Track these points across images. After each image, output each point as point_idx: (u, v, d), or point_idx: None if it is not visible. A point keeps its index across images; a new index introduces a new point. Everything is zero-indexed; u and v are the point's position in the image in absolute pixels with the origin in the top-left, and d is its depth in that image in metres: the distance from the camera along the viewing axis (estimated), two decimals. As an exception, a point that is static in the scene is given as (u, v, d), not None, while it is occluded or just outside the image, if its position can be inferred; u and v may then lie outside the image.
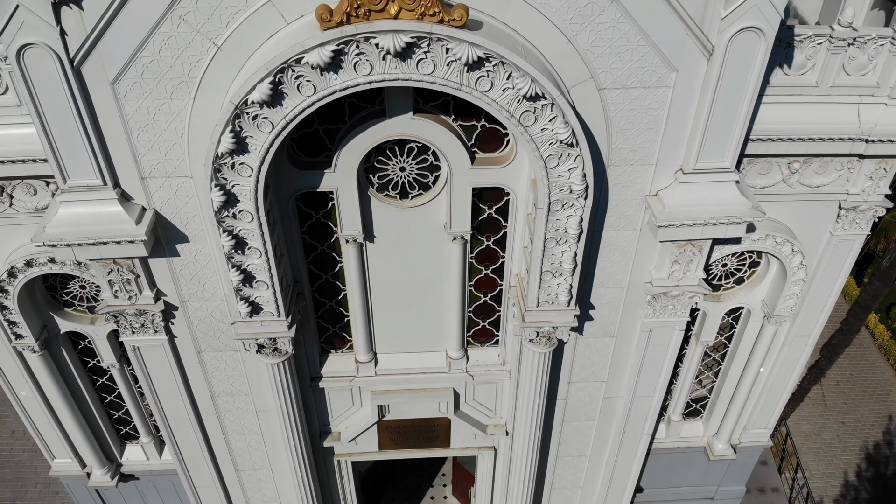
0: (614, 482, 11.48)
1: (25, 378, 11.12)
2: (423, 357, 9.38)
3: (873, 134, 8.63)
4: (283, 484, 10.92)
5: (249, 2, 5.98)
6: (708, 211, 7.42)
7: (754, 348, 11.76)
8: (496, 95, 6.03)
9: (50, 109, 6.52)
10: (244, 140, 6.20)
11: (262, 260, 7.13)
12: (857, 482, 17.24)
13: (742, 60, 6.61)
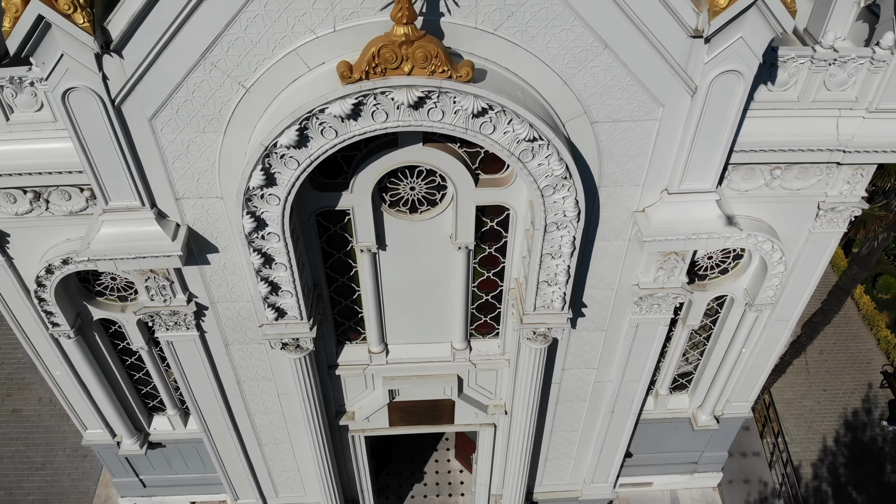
0: (604, 453, 12.54)
1: (60, 360, 12.05)
2: (430, 348, 10.27)
3: (850, 145, 9.27)
4: (302, 456, 11.98)
5: (275, 51, 6.60)
6: (690, 227, 8.16)
7: (737, 331, 12.64)
8: (498, 138, 6.72)
9: (93, 141, 7.21)
10: (273, 175, 6.91)
11: (287, 273, 7.93)
12: (834, 447, 18.38)
13: (723, 98, 7.25)
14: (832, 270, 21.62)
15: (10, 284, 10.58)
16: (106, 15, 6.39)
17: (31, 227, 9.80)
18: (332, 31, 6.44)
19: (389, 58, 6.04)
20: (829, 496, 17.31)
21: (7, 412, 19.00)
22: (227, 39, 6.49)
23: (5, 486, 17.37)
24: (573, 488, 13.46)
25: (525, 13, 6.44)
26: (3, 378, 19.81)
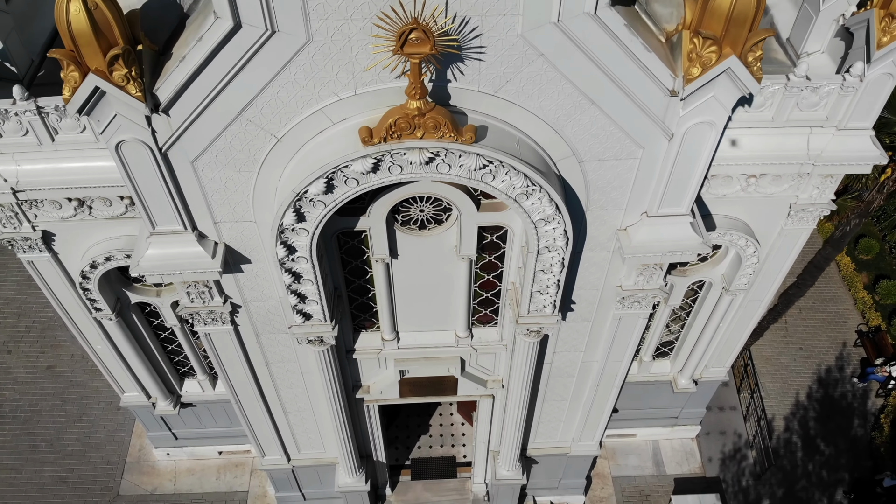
0: (590, 418, 14.05)
1: (101, 337, 13.41)
2: (436, 335, 11.57)
3: (820, 159, 10.25)
4: (323, 421, 13.49)
5: (303, 109, 7.54)
6: (666, 245, 9.27)
7: (714, 310, 13.96)
8: (497, 185, 7.75)
9: (141, 179, 8.23)
10: (302, 214, 7.99)
11: (313, 287, 9.11)
12: (806, 402, 19.99)
13: (697, 142, 8.21)
14: (817, 232, 22.67)
15: (56, 276, 11.80)
16: (154, 81, 7.32)
17: (74, 228, 10.92)
18: (353, 95, 7.38)
19: (404, 126, 7.01)
20: (798, 447, 19.04)
21: (42, 369, 20.55)
22: (261, 101, 7.43)
23: (46, 439, 19.08)
24: (563, 445, 15.07)
25: (521, 79, 7.35)
26: (36, 336, 21.28)
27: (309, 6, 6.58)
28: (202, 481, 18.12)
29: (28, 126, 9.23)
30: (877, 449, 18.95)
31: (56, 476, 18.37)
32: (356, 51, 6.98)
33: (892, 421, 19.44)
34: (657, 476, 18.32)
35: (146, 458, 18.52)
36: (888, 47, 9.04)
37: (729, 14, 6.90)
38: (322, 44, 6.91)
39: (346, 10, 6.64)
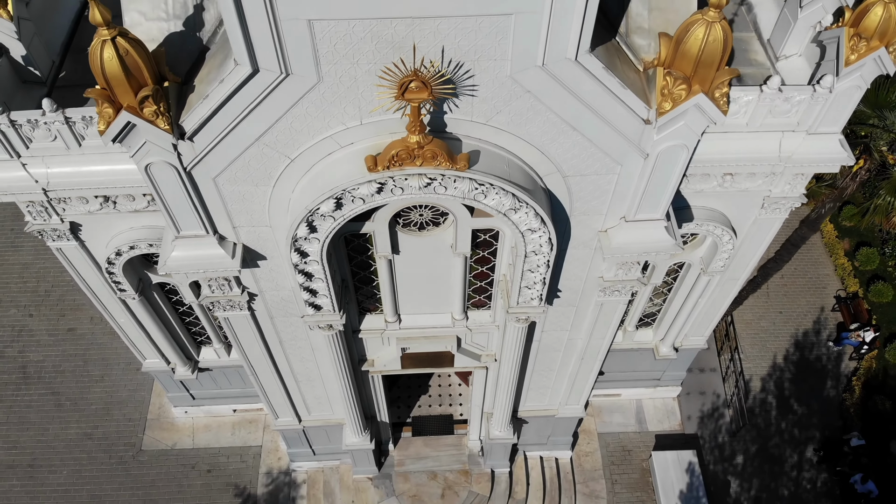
0: (576, 385, 15.29)
1: (125, 312, 14.53)
2: (435, 317, 12.65)
3: (791, 161, 11.08)
4: (331, 389, 14.73)
5: (314, 135, 8.36)
6: (642, 246, 10.22)
7: (693, 287, 15.02)
8: (489, 202, 8.65)
9: (168, 193, 9.11)
10: (314, 227, 8.92)
11: (323, 284, 10.12)
12: (783, 364, 21.28)
13: (670, 160, 9.05)
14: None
15: (83, 262, 12.81)
16: (179, 113, 8.13)
17: (100, 219, 11.85)
18: (359, 125, 8.20)
19: (405, 157, 7.87)
20: (772, 407, 20.45)
21: (63, 331, 21.79)
22: (276, 129, 8.25)
23: (71, 398, 20.46)
24: (550, 408, 16.39)
25: (510, 110, 8.16)
26: (56, 300, 22.43)
27: (319, 53, 7.34)
28: (218, 437, 19.60)
29: (57, 133, 10.03)
30: (847, 410, 20.34)
31: (82, 433, 19.82)
32: (362, 89, 7.76)
33: (863, 384, 20.77)
34: (639, 433, 19.79)
35: (166, 415, 19.95)
36: (855, 65, 9.73)
37: (698, 57, 7.66)
38: (331, 83, 7.69)
39: (353, 56, 7.40)
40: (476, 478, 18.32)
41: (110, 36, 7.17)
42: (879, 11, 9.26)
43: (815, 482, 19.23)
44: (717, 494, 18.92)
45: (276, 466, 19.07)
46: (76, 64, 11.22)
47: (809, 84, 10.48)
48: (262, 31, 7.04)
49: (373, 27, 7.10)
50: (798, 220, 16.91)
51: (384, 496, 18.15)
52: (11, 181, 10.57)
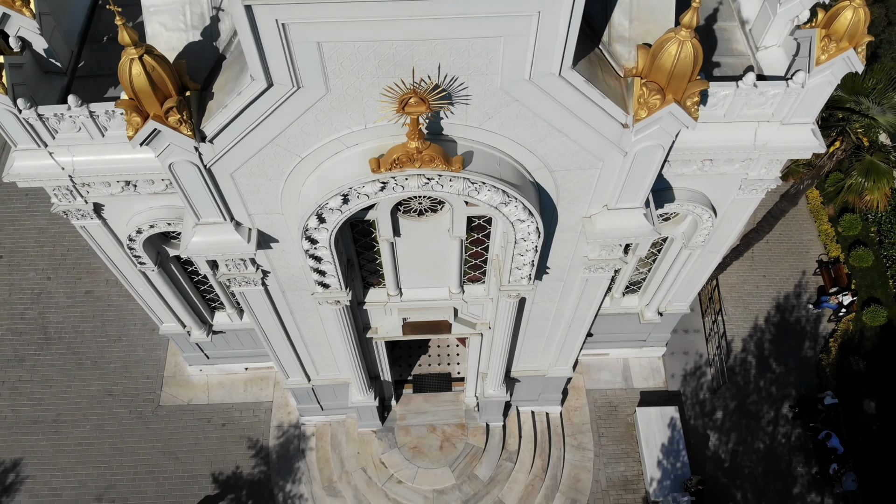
0: (564, 349, 16.44)
1: (144, 282, 15.55)
2: (433, 291, 13.68)
3: (765, 148, 11.90)
4: (337, 353, 15.89)
5: (322, 137, 9.20)
6: (622, 231, 11.15)
7: (676, 259, 16.00)
8: (481, 198, 9.54)
9: (190, 187, 9.99)
10: (323, 218, 9.83)
11: (331, 266, 11.11)
12: (763, 325, 22.42)
13: (647, 157, 9.89)
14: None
15: (105, 237, 13.78)
16: (200, 119, 8.94)
17: (121, 200, 12.76)
18: (363, 129, 9.02)
19: (405, 160, 8.74)
20: (752, 366, 21.70)
21: (81, 294, 22.89)
22: (288, 132, 9.08)
23: (91, 357, 21.70)
24: (541, 369, 17.60)
25: (501, 116, 8.97)
26: (72, 263, 23.47)
27: (328, 70, 8.12)
28: (232, 393, 20.93)
29: (81, 125, 10.85)
30: (823, 370, 21.59)
31: (102, 390, 21.13)
32: (366, 99, 8.57)
33: (840, 345, 21.96)
34: (625, 389, 21.10)
35: (181, 373, 21.23)
36: (825, 64, 10.46)
37: (671, 70, 8.45)
38: (338, 95, 8.49)
39: (358, 72, 8.18)
40: (472, 431, 19.70)
41: (138, 54, 7.94)
42: (849, 15, 9.96)
43: (790, 437, 20.62)
44: (697, 447, 20.34)
45: (286, 420, 20.44)
46: (93, 53, 11.96)
47: (785, 76, 11.24)
48: (276, 52, 7.81)
49: (375, 48, 7.87)
50: (778, 195, 17.75)
51: (387, 447, 19.56)
52: (40, 168, 11.45)
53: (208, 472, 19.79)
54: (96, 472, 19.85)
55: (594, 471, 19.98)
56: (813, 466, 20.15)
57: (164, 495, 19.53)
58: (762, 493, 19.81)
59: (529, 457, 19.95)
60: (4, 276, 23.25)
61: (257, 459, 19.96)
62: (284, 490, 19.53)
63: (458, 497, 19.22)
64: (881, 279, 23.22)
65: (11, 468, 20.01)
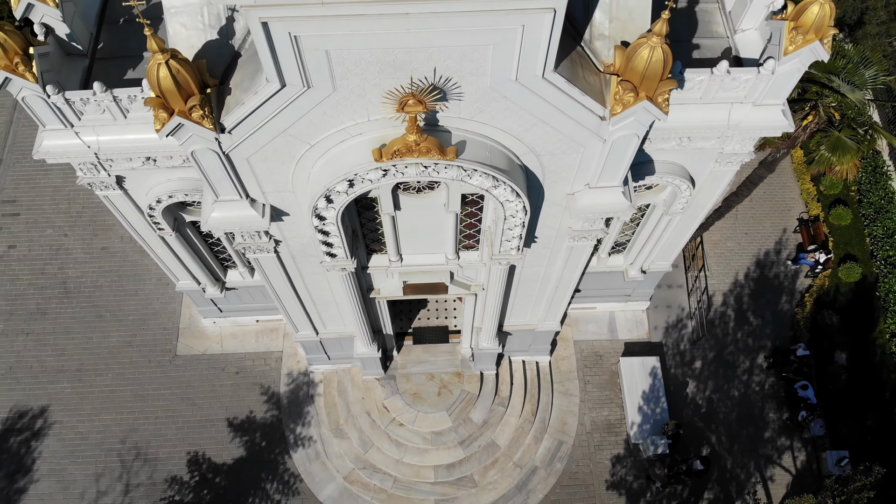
0: (552, 306, 17.74)
1: (162, 245, 16.73)
2: (431, 257, 14.87)
3: (739, 128, 12.87)
4: (343, 310, 17.20)
5: (329, 128, 10.19)
6: (602, 207, 12.25)
7: (657, 224, 17.14)
8: (474, 182, 10.61)
9: (209, 169, 11.03)
10: (331, 199, 10.93)
11: (338, 239, 12.27)
12: (743, 281, 23.70)
13: (624, 144, 10.90)
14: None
15: (127, 206, 14.88)
16: (220, 112, 9.92)
17: (141, 173, 13.81)
18: (367, 121, 10.02)
19: (405, 151, 9.77)
20: (730, 318, 23.09)
21: (97, 250, 24.08)
22: (299, 124, 10.07)
23: (110, 310, 23.05)
24: (531, 324, 18.97)
25: (491, 109, 9.95)
26: (88, 220, 24.57)
27: (335, 73, 9.07)
28: (244, 343, 22.38)
29: (106, 108, 11.82)
30: (797, 323, 22.98)
31: (122, 340, 22.58)
32: (369, 96, 9.53)
33: (815, 300, 23.29)
34: (611, 340, 22.55)
35: (196, 325, 22.64)
36: (793, 55, 11.33)
37: (643, 72, 9.40)
38: (344, 93, 9.46)
39: (362, 74, 9.13)
40: (467, 379, 21.25)
41: (164, 59, 8.88)
42: (816, 10, 10.81)
43: (763, 386, 22.19)
44: (676, 394, 21.93)
45: (295, 369, 21.97)
46: (111, 35, 12.82)
47: (758, 61, 12.13)
48: (288, 59, 8.75)
49: (377, 54, 8.81)
50: (757, 162, 18.72)
51: (389, 394, 21.13)
52: (67, 147, 12.49)
53: (224, 417, 21.43)
54: (119, 418, 21.49)
55: (579, 415, 21.62)
56: (784, 413, 21.78)
57: (184, 437, 21.22)
58: (735, 436, 21.51)
59: (520, 402, 21.56)
60: (23, 233, 24.39)
61: (269, 405, 21.57)
62: (295, 432, 21.21)
63: (455, 438, 20.90)
64: (858, 237, 24.38)
65: (39, 414, 21.62)
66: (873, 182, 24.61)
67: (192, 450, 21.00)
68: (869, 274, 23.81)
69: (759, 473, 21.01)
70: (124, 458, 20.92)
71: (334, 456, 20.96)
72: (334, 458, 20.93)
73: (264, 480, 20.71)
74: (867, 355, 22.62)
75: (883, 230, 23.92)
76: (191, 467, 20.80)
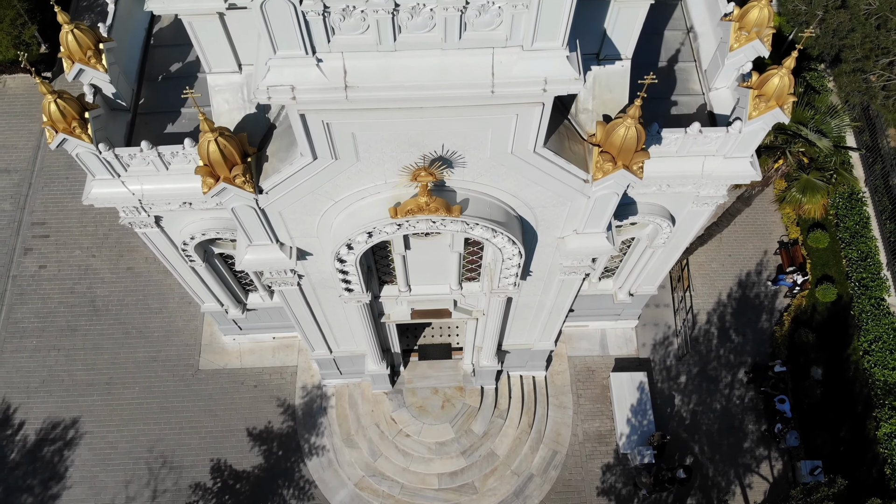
0: (546, 329, 19.43)
1: (192, 273, 18.41)
2: (437, 287, 16.57)
3: (711, 177, 14.54)
4: (356, 332, 18.88)
5: (351, 188, 11.87)
6: (588, 250, 13.93)
7: (642, 254, 18.81)
8: (475, 233, 12.30)
9: (246, 220, 12.72)
10: (351, 247, 12.62)
11: (356, 278, 13.96)
12: (726, 300, 25.35)
13: (605, 200, 12.57)
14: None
15: (163, 241, 16.55)
16: (258, 177, 11.61)
17: (177, 213, 15.49)
18: (384, 183, 11.71)
19: (416, 210, 11.45)
20: (713, 336, 24.75)
21: (123, 270, 25.76)
22: (326, 186, 11.76)
23: (136, 327, 24.72)
24: (527, 343, 20.65)
25: (491, 174, 11.64)
26: (114, 242, 26.25)
27: (359, 148, 10.76)
28: (261, 358, 24.06)
29: (150, 161, 13.50)
30: (776, 340, 24.64)
31: (148, 356, 24.25)
32: (387, 165, 11.22)
33: (793, 318, 24.94)
34: (602, 356, 24.21)
35: (217, 341, 24.32)
36: (756, 119, 12.95)
37: (620, 146, 11.08)
38: (366, 162, 11.15)
39: (381, 149, 10.82)
40: (469, 393, 22.91)
41: (214, 137, 10.57)
42: (776, 81, 12.46)
43: (744, 399, 23.84)
44: (662, 407, 23.59)
45: (309, 382, 23.64)
46: (151, 91, 14.51)
47: (729, 119, 13.79)
48: (320, 139, 10.45)
49: (395, 135, 10.50)
50: (735, 197, 20.41)
51: (397, 407, 22.79)
52: (114, 194, 14.18)
53: (243, 427, 23.11)
54: (146, 428, 23.16)
55: (573, 426, 23.29)
56: (762, 425, 23.43)
57: (206, 447, 22.89)
58: (717, 447, 23.17)
59: (518, 414, 23.22)
60: (53, 254, 26.08)
61: (285, 416, 23.25)
62: (309, 442, 22.89)
63: (457, 448, 22.57)
64: (835, 259, 26.03)
65: (71, 425, 23.30)
66: (849, 207, 26.26)
67: (214, 458, 22.67)
68: (844, 294, 25.46)
69: (738, 481, 22.67)
70: (151, 466, 22.60)
71: (346, 464, 22.64)
72: (346, 466, 22.61)
73: (281, 486, 22.38)
74: (841, 371, 24.27)
75: (858, 253, 25.57)
76: (213, 474, 22.48)
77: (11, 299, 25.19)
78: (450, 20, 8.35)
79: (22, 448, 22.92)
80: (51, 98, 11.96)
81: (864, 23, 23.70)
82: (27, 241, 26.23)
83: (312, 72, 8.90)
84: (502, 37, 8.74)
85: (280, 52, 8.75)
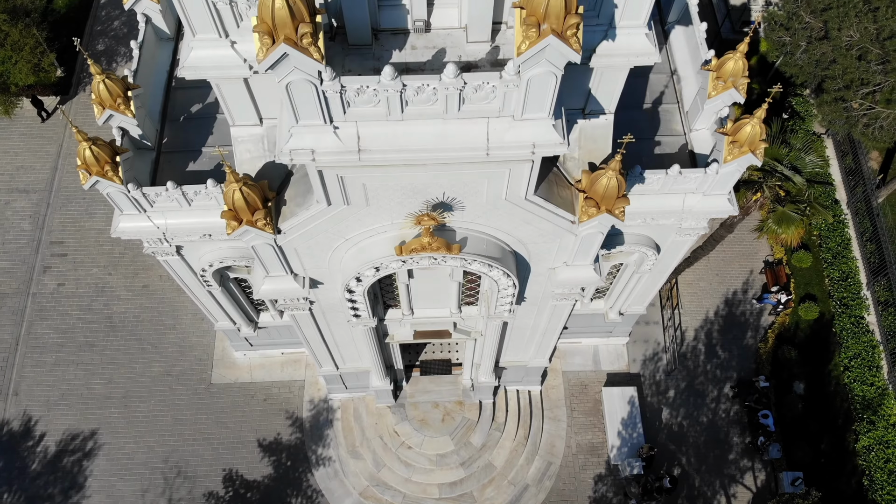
0: (541, 348, 20.67)
1: (208, 296, 19.66)
2: (438, 311, 17.83)
3: (691, 213, 15.78)
4: (362, 351, 20.13)
5: (360, 228, 13.13)
6: (577, 280, 15.19)
7: (630, 278, 20.06)
8: (473, 268, 13.57)
9: (264, 255, 13.98)
10: (360, 280, 13.88)
11: (363, 306, 15.21)
12: (713, 318, 26.57)
13: (590, 238, 13.84)
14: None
15: (183, 268, 17.79)
16: (277, 219, 12.87)
17: (197, 243, 16.74)
18: (390, 223, 12.97)
19: (419, 249, 12.71)
20: (701, 352, 25.97)
21: (139, 288, 26.99)
22: (338, 226, 13.03)
23: (151, 342, 25.94)
24: (523, 361, 21.89)
25: (488, 216, 12.90)
26: (129, 261, 27.48)
27: (369, 195, 12.03)
28: (271, 373, 25.27)
29: (175, 199, 14.74)
30: (760, 356, 25.85)
31: (163, 370, 25.47)
32: (394, 209, 12.49)
33: (777, 336, 26.15)
34: (595, 371, 25.42)
35: (228, 357, 25.54)
36: (731, 162, 14.17)
37: (603, 193, 12.34)
38: (375, 207, 12.41)
39: (389, 196, 12.09)
40: (468, 407, 24.11)
41: (239, 186, 11.84)
42: (748, 129, 13.69)
43: (729, 413, 25.05)
44: (651, 420, 24.78)
45: (316, 396, 24.85)
46: (174, 130, 15.77)
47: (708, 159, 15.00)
48: (334, 189, 11.71)
49: (401, 185, 11.76)
50: (718, 224, 21.67)
51: (399, 420, 23.99)
52: (140, 228, 15.42)
53: (254, 439, 24.31)
54: (161, 439, 24.36)
55: (566, 438, 24.49)
56: (746, 437, 24.63)
57: (218, 457, 24.09)
58: (703, 458, 24.36)
59: (514, 427, 24.43)
60: (71, 272, 27.31)
61: (293, 428, 24.45)
62: (316, 453, 24.09)
63: (457, 460, 23.77)
64: (818, 278, 27.27)
65: (90, 437, 24.49)
66: (832, 229, 27.51)
67: (226, 468, 23.87)
68: (826, 312, 26.68)
69: (723, 491, 23.86)
70: (167, 476, 23.80)
71: (351, 474, 23.83)
72: (351, 476, 23.81)
73: (289, 495, 23.58)
74: (822, 386, 25.48)
75: (839, 273, 26.80)
76: (225, 483, 23.68)
77: (31, 316, 26.42)
78: (450, 96, 9.62)
79: (43, 459, 24.11)
80: (85, 145, 13.22)
81: (845, 54, 24.94)
82: (46, 259, 27.46)
83: (330, 138, 10.17)
84: (496, 108, 10.01)
85: (301, 121, 10.02)
